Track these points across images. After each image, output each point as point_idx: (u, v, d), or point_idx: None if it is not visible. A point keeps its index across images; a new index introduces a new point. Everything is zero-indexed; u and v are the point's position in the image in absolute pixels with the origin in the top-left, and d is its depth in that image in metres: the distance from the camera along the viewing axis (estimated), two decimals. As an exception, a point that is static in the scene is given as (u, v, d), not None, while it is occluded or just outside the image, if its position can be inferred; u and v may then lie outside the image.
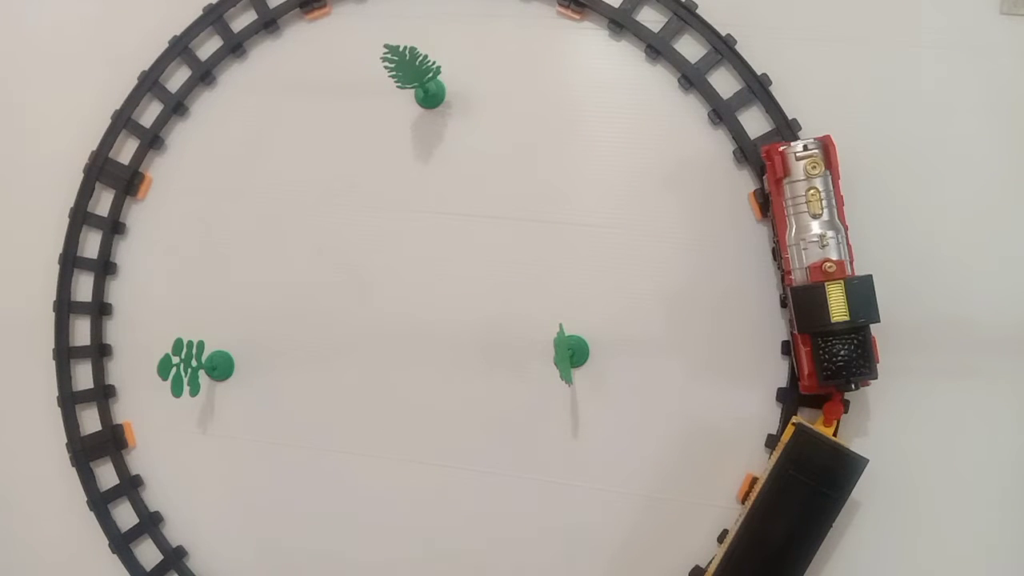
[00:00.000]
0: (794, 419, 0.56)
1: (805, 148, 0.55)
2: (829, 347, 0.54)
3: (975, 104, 0.60)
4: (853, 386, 0.55)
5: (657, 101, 0.63)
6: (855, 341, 0.54)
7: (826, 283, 0.53)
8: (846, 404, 0.57)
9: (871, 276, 0.53)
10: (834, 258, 0.54)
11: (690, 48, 0.62)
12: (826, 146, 0.55)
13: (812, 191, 0.55)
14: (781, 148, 0.55)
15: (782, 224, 0.56)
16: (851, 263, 0.55)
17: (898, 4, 0.61)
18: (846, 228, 0.55)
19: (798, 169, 0.55)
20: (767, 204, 0.59)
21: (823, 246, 0.54)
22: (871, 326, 0.54)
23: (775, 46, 0.61)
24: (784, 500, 0.55)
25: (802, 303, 0.54)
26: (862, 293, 0.53)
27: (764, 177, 0.59)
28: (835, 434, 0.56)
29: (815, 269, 0.54)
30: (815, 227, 0.55)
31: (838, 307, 0.53)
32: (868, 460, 0.54)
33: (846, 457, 0.54)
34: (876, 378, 0.54)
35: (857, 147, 0.58)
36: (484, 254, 0.64)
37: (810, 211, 0.55)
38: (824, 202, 0.55)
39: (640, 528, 0.61)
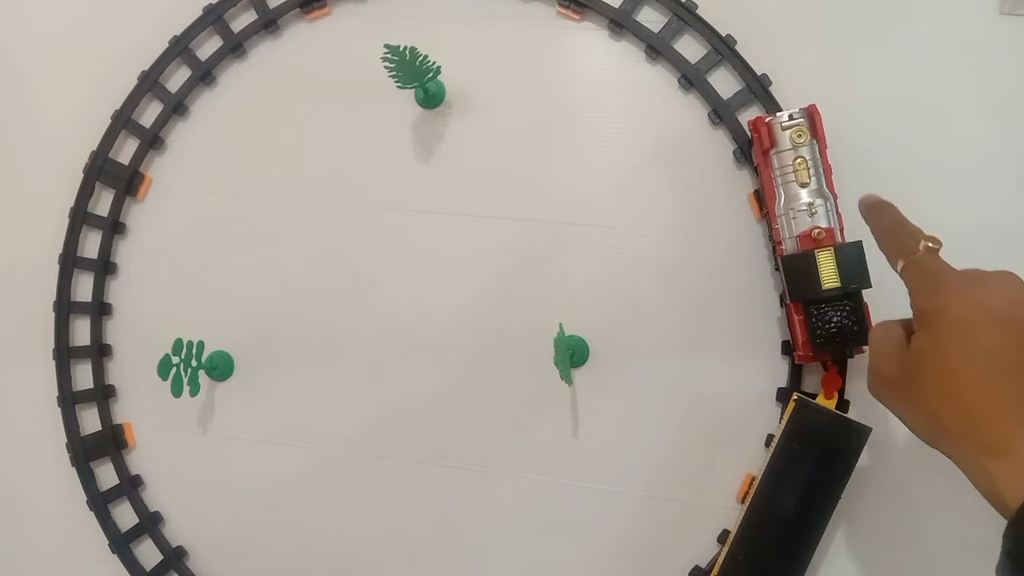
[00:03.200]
0: (795, 395, 0.56)
1: (791, 118, 0.55)
2: (822, 315, 0.54)
3: (975, 104, 0.60)
4: (849, 353, 0.54)
5: (657, 101, 0.63)
6: (848, 307, 0.53)
7: (816, 250, 0.53)
8: (843, 374, 0.57)
9: (861, 242, 0.52)
10: (823, 225, 0.54)
11: (690, 48, 0.62)
12: (811, 115, 0.55)
13: (799, 160, 0.55)
14: (767, 119, 0.56)
15: (771, 195, 0.56)
16: (841, 231, 0.55)
17: (898, 4, 0.61)
18: (835, 196, 0.55)
19: (784, 139, 0.55)
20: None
21: (812, 214, 0.54)
22: (864, 292, 0.53)
23: (775, 46, 0.61)
24: (791, 473, 0.55)
25: (793, 272, 0.54)
26: (853, 259, 0.53)
27: (752, 150, 0.59)
28: (837, 407, 0.56)
29: (805, 237, 0.54)
30: (804, 195, 0.55)
31: (829, 274, 0.53)
32: (871, 428, 0.54)
33: (849, 427, 0.54)
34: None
35: (857, 147, 0.58)
36: (484, 254, 0.64)
37: (798, 180, 0.55)
38: (811, 171, 0.55)
39: (640, 528, 0.61)
